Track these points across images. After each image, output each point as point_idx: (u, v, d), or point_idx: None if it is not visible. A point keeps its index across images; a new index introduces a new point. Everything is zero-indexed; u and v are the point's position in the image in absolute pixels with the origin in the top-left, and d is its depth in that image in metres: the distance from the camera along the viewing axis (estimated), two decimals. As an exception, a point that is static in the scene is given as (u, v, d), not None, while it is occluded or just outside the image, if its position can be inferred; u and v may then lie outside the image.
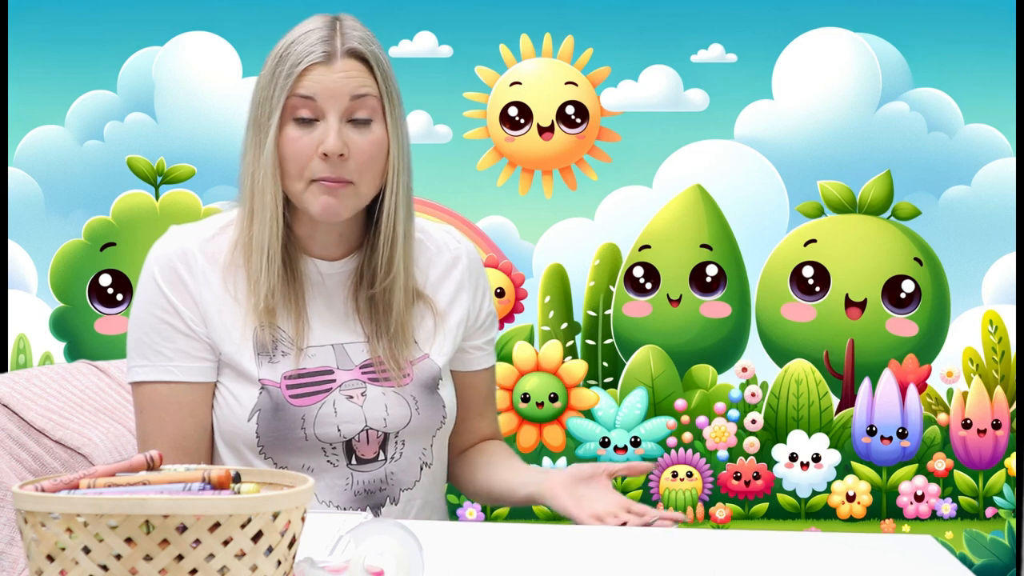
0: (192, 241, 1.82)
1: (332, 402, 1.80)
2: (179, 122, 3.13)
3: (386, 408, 1.82)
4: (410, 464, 1.85)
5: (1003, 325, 3.13)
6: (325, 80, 1.76)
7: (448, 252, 1.94)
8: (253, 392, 1.79)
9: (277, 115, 1.76)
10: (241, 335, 1.80)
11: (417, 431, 1.85)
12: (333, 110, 1.76)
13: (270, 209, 1.77)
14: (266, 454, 1.79)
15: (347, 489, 1.81)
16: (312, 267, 1.85)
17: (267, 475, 1.23)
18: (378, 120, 1.79)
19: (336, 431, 1.79)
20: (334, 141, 1.74)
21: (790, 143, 3.14)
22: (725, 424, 3.14)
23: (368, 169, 1.78)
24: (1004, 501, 3.14)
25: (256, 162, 1.78)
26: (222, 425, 1.81)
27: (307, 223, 1.83)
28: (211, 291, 1.81)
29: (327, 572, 1.26)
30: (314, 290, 1.85)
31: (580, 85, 3.13)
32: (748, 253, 3.15)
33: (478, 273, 1.96)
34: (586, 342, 3.14)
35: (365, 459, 1.82)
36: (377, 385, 1.83)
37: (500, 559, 1.56)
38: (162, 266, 1.81)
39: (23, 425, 1.91)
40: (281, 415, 1.78)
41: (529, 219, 3.14)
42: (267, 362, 1.80)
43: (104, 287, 3.13)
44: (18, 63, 3.11)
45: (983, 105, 3.12)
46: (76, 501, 1.08)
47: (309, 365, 1.81)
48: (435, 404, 1.86)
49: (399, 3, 3.10)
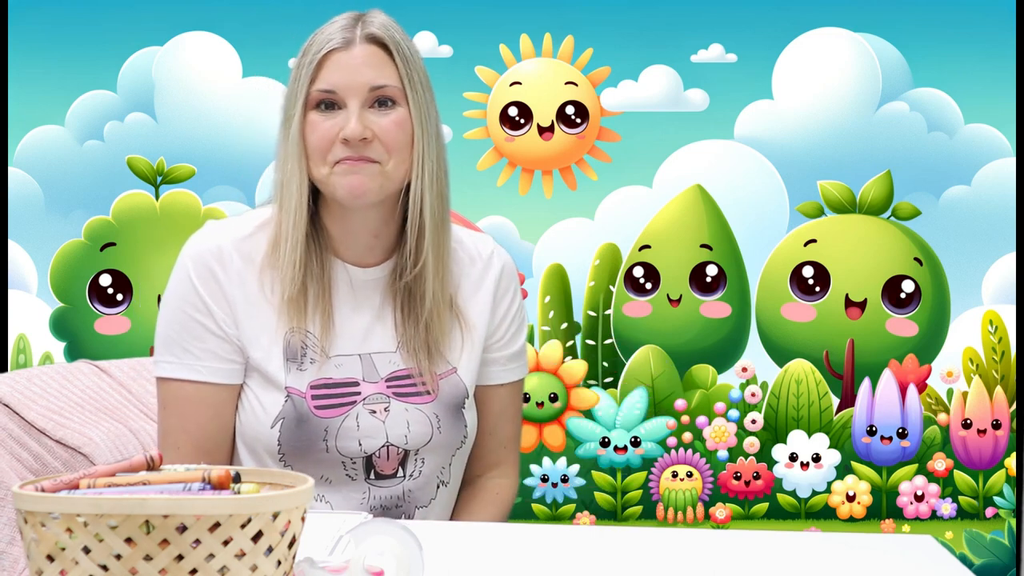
0: (228, 239, 1.80)
1: (355, 416, 1.78)
2: (179, 122, 3.13)
3: (408, 425, 1.80)
4: (428, 482, 1.83)
5: (1003, 325, 3.13)
6: (344, 68, 1.75)
7: (480, 261, 1.90)
8: (279, 399, 1.78)
9: (300, 103, 1.76)
10: (271, 339, 1.79)
11: (437, 449, 1.82)
12: (354, 98, 1.75)
13: (295, 197, 1.76)
14: (286, 462, 1.78)
15: (363, 504, 1.80)
16: (343, 273, 1.82)
17: (267, 475, 1.23)
18: (402, 103, 1.78)
19: (357, 445, 1.78)
20: (354, 126, 1.73)
21: (790, 143, 3.14)
22: (725, 424, 3.14)
23: (394, 149, 1.76)
24: (1004, 501, 3.14)
25: (284, 151, 1.78)
26: (245, 429, 1.80)
27: (339, 220, 1.80)
28: (245, 292, 1.79)
29: (327, 572, 1.26)
30: (344, 296, 1.82)
31: (580, 85, 3.13)
32: (748, 253, 3.15)
33: (508, 281, 1.91)
34: (586, 342, 3.14)
35: (384, 475, 1.80)
36: (401, 400, 1.81)
37: (500, 559, 1.56)
38: (197, 263, 1.79)
39: (24, 425, 1.91)
40: (304, 425, 1.77)
41: (529, 219, 3.14)
42: (295, 369, 1.78)
43: (104, 287, 3.13)
44: (18, 63, 3.11)
45: (983, 105, 3.12)
46: (76, 501, 1.09)
47: (335, 375, 1.79)
48: (457, 424, 1.84)
49: (399, 3, 3.10)
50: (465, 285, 1.88)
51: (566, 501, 3.14)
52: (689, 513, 3.15)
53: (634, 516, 3.15)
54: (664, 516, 3.15)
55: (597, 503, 3.14)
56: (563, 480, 3.14)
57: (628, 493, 3.14)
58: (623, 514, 3.15)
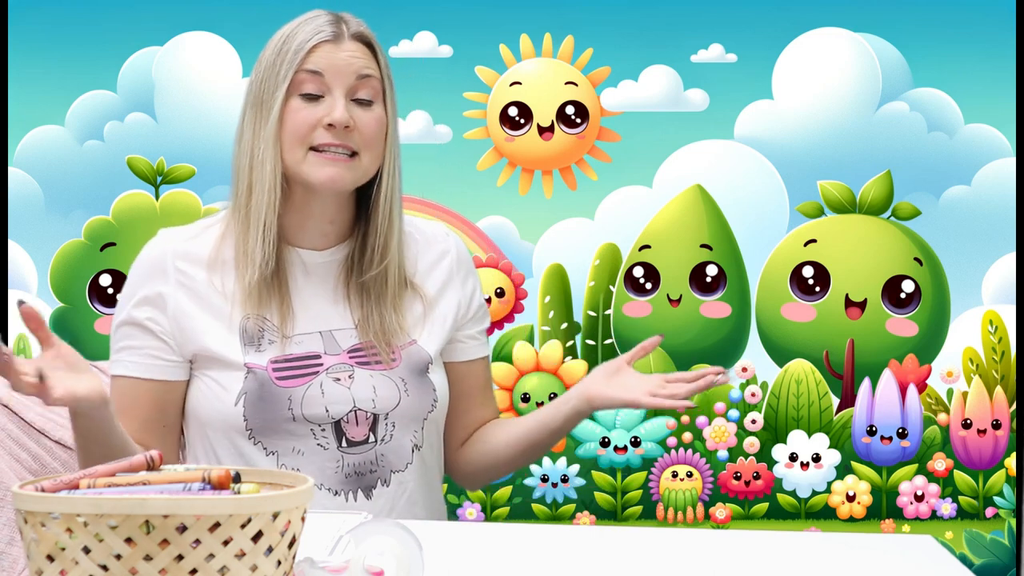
0: (176, 243, 1.88)
1: (319, 384, 1.83)
2: (179, 122, 3.13)
3: (374, 389, 1.85)
4: (401, 446, 1.86)
5: (1003, 325, 3.13)
6: (333, 57, 1.82)
7: (437, 244, 1.98)
8: (239, 376, 1.82)
9: (283, 89, 1.81)
10: (226, 327, 1.84)
11: (407, 413, 1.87)
12: (339, 86, 1.82)
13: (269, 180, 1.81)
14: (256, 439, 1.82)
15: (338, 471, 1.83)
16: (296, 257, 1.88)
17: (267, 475, 1.23)
18: (379, 102, 1.86)
19: (324, 411, 1.82)
20: (341, 112, 1.80)
21: (790, 143, 3.14)
22: (725, 424, 3.14)
23: (373, 143, 1.84)
24: (1004, 501, 3.14)
25: (257, 136, 1.83)
26: (210, 414, 1.84)
27: (297, 211, 1.87)
28: (194, 290, 1.85)
29: (327, 572, 1.26)
30: (299, 281, 1.88)
31: (580, 85, 3.13)
32: (748, 253, 3.15)
33: (468, 266, 2.00)
34: (586, 342, 3.14)
35: (355, 441, 1.84)
36: (365, 368, 1.85)
37: (500, 559, 1.56)
38: (142, 267, 1.88)
39: (23, 425, 1.91)
40: (268, 397, 1.81)
41: (529, 219, 3.13)
42: (254, 351, 1.83)
43: (104, 287, 3.13)
44: (18, 63, 3.11)
45: (983, 105, 3.12)
46: (76, 501, 1.09)
47: (296, 351, 1.84)
48: (425, 387, 1.88)
49: (399, 3, 3.10)
50: (422, 262, 1.95)
51: (566, 501, 3.14)
52: (689, 513, 3.15)
53: (634, 516, 3.15)
54: (664, 516, 3.15)
55: (597, 503, 3.14)
56: (563, 480, 3.14)
57: (628, 493, 3.14)
58: (623, 514, 3.15)
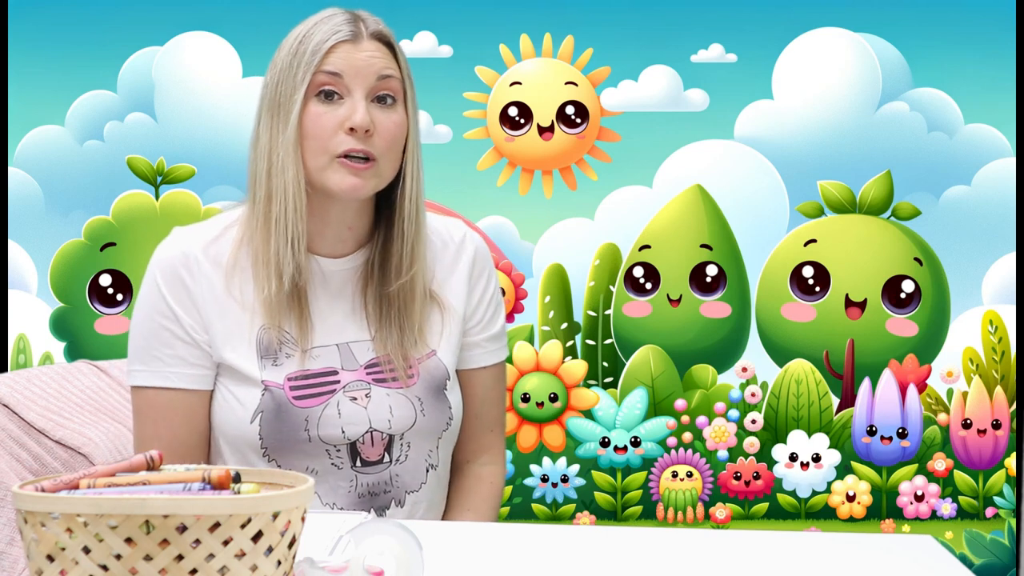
0: (195, 244, 1.80)
1: (336, 404, 1.78)
2: (179, 122, 3.13)
3: (391, 410, 1.80)
4: (416, 467, 1.83)
5: (1003, 325, 3.13)
6: (352, 58, 1.75)
7: (453, 244, 1.90)
8: (256, 393, 1.77)
9: (302, 91, 1.74)
10: (245, 338, 1.78)
11: (422, 433, 1.82)
12: (359, 87, 1.75)
13: (292, 186, 1.74)
14: (270, 456, 1.78)
15: (351, 491, 1.79)
16: (315, 265, 1.82)
17: (267, 475, 1.23)
18: (400, 103, 1.78)
19: (340, 433, 1.77)
20: (362, 115, 1.73)
21: (790, 143, 3.14)
22: (725, 424, 3.14)
23: (391, 148, 1.77)
24: (1004, 501, 3.14)
25: (275, 141, 1.75)
26: (225, 428, 1.80)
27: (316, 217, 1.80)
28: (214, 295, 1.79)
29: (327, 572, 1.26)
30: (317, 289, 1.82)
31: (580, 85, 3.13)
32: (748, 253, 3.15)
33: (483, 264, 1.92)
34: (586, 342, 3.14)
35: (370, 461, 1.80)
36: (382, 386, 1.80)
37: (500, 559, 1.55)
38: (164, 270, 1.79)
39: (23, 425, 1.91)
40: (284, 416, 1.76)
41: (529, 219, 3.13)
42: (271, 364, 1.78)
43: (104, 287, 3.13)
44: (18, 63, 3.11)
45: (983, 105, 3.12)
46: (76, 501, 1.08)
47: (313, 366, 1.79)
48: (441, 406, 1.83)
49: (399, 3, 3.10)
50: (439, 269, 1.88)
51: (566, 501, 3.14)
52: (689, 513, 3.14)
53: (634, 516, 3.15)
54: (664, 516, 3.15)
55: (597, 503, 3.14)
56: (563, 480, 3.14)
57: (628, 493, 3.14)
58: (623, 514, 3.15)
